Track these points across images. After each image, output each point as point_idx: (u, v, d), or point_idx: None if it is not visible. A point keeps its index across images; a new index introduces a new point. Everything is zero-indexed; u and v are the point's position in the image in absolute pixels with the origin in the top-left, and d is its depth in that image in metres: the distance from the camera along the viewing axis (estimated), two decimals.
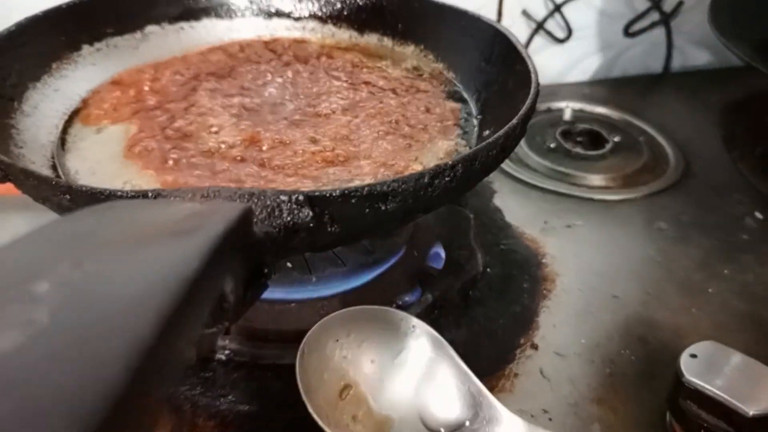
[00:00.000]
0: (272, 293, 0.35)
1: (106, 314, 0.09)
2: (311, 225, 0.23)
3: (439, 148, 0.33)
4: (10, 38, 0.36)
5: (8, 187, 0.49)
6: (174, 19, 0.46)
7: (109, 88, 0.41)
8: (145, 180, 0.32)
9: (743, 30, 0.51)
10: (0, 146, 0.31)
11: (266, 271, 0.22)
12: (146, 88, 0.40)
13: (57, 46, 0.40)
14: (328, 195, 0.23)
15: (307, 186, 0.30)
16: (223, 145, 0.34)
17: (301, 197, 0.23)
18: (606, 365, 0.34)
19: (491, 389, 0.32)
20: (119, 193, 0.23)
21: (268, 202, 0.23)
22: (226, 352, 0.34)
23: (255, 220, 0.22)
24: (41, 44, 0.39)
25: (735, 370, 0.29)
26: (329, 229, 0.24)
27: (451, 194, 0.28)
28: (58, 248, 0.12)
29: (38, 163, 0.34)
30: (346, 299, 0.35)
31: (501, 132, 0.28)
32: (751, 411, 0.27)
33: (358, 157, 0.32)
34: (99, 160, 0.34)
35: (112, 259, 0.11)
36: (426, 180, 0.25)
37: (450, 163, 0.26)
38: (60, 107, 0.38)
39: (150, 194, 0.22)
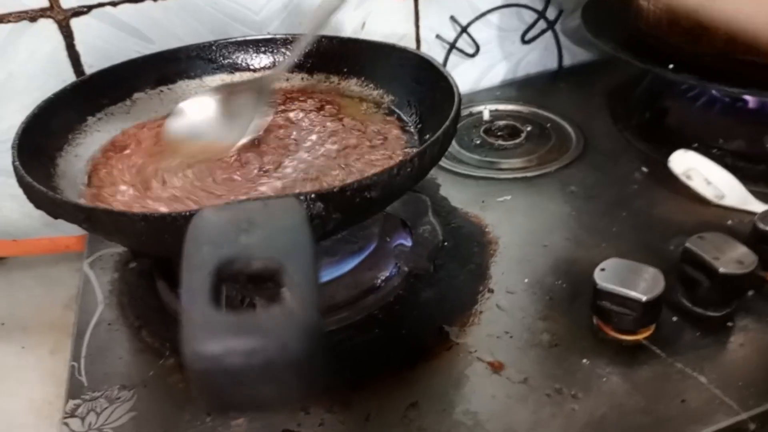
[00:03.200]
0: None
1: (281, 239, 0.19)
2: (323, 214, 0.33)
3: (396, 155, 0.44)
4: (36, 119, 0.45)
5: (21, 249, 0.57)
6: (154, 84, 0.55)
7: (111, 146, 0.50)
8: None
9: (609, 29, 0.65)
10: None
11: None
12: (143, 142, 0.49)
13: (69, 121, 0.48)
14: (331, 191, 0.33)
15: None
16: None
17: (313, 195, 0.33)
18: (545, 294, 0.45)
19: (464, 325, 0.43)
20: (184, 214, 0.32)
21: None
22: None
23: None
24: (58, 121, 0.47)
25: (631, 273, 0.40)
26: (333, 216, 0.34)
27: (412, 181, 0.38)
28: (227, 222, 0.21)
29: None
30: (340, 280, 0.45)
31: (439, 132, 0.39)
32: (644, 297, 0.39)
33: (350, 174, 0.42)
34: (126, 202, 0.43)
35: (263, 218, 0.20)
36: (395, 171, 0.35)
37: (409, 158, 0.36)
38: (81, 168, 0.47)
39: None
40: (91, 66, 0.58)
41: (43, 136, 0.45)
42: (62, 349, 0.53)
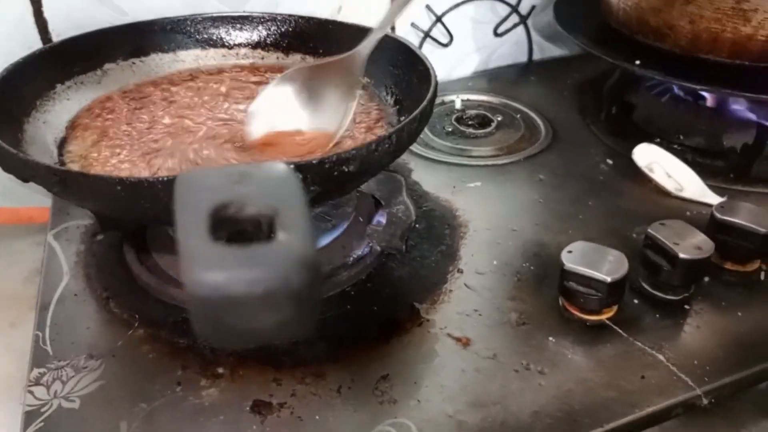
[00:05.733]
0: None
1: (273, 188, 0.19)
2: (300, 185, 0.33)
3: (374, 134, 0.45)
4: (4, 82, 0.43)
5: (16, 217, 0.55)
6: (126, 56, 0.54)
7: (83, 116, 0.49)
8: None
9: (580, 24, 0.67)
10: None
11: None
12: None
13: (37, 87, 0.47)
14: (310, 162, 0.34)
15: None
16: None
17: (292, 165, 0.33)
18: (514, 275, 0.46)
19: (434, 303, 0.44)
20: (162, 179, 0.32)
21: None
22: None
23: None
24: (26, 86, 0.46)
25: (597, 256, 0.42)
26: (311, 188, 0.35)
27: (389, 157, 0.39)
28: (217, 174, 0.21)
29: None
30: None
31: (417, 110, 0.39)
32: (609, 278, 0.40)
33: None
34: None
35: (254, 172, 0.21)
36: (374, 147, 0.36)
37: (388, 134, 0.37)
38: (50, 136, 0.46)
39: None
40: (59, 34, 0.57)
41: (11, 99, 0.44)
42: (23, 323, 0.52)
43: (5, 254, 0.58)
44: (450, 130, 0.66)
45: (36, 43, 0.57)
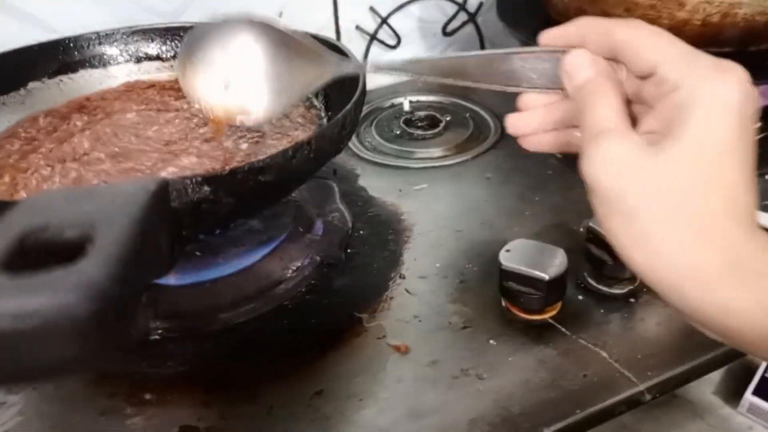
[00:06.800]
0: (188, 278, 0.43)
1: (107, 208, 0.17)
2: (211, 198, 0.32)
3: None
4: None
5: None
6: (53, 74, 0.53)
7: (4, 139, 0.47)
8: None
9: (523, 18, 0.66)
10: None
11: (185, 234, 0.31)
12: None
13: None
14: (219, 174, 0.32)
15: None
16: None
17: (199, 179, 0.31)
18: (456, 277, 0.45)
19: (374, 311, 0.43)
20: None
21: (177, 186, 0.31)
22: (159, 331, 0.41)
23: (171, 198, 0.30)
24: None
25: (536, 253, 0.41)
26: (225, 201, 0.33)
27: (312, 165, 0.37)
28: (63, 196, 0.19)
29: None
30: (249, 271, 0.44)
31: (340, 114, 0.38)
32: (547, 276, 0.39)
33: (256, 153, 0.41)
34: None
35: (106, 191, 0.19)
36: (290, 153, 0.34)
37: (306, 139, 0.35)
38: None
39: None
40: None
41: None
42: None
43: None
44: (398, 132, 0.65)
45: None
